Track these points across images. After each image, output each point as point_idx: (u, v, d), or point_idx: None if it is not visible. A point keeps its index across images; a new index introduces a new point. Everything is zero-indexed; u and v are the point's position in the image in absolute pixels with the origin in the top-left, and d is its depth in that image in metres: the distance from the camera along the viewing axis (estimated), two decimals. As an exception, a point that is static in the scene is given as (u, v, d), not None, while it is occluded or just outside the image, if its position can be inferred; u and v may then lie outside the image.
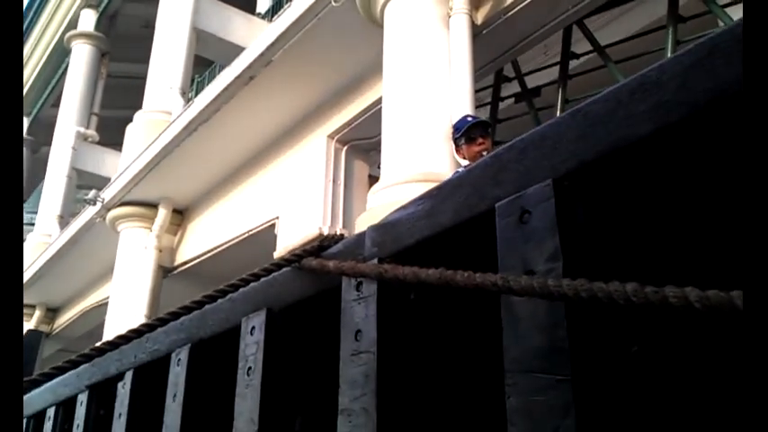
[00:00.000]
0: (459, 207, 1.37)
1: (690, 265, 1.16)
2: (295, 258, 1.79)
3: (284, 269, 1.83)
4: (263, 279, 1.89)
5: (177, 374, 2.12)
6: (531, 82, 6.89)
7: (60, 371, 2.10)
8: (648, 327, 1.13)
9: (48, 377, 2.07)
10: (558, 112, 5.88)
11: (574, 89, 6.11)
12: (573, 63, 6.57)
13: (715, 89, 0.99)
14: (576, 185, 1.16)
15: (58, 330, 14.93)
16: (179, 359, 2.14)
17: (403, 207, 1.54)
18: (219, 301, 1.99)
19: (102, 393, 2.65)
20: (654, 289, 0.90)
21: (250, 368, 1.82)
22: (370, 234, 1.61)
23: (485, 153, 3.88)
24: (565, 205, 1.14)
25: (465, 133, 4.19)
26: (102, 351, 2.13)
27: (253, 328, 1.85)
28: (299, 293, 1.77)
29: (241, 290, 1.92)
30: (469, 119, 4.35)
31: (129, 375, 2.43)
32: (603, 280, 1.12)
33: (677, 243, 1.16)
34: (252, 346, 1.84)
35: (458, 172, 2.15)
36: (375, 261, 1.51)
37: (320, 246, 1.79)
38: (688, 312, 0.85)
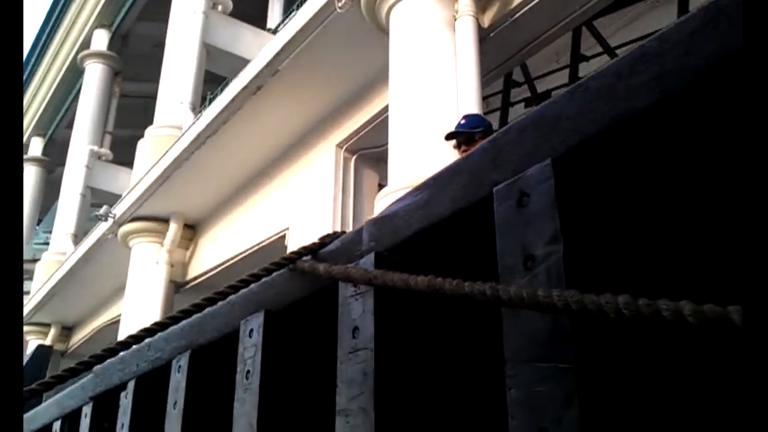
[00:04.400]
0: (456, 195, 1.32)
1: (696, 246, 1.11)
2: (292, 259, 1.75)
3: (282, 270, 1.78)
4: (262, 281, 1.84)
5: (178, 381, 2.09)
6: (542, 86, 6.85)
7: (60, 380, 2.06)
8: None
9: (47, 386, 2.03)
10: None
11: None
12: (583, 67, 6.53)
13: (719, 54, 0.93)
14: (576, 164, 1.10)
15: (73, 348, 14.95)
16: (179, 366, 2.10)
17: (400, 199, 1.49)
18: (219, 304, 1.94)
19: (105, 405, 2.62)
20: (647, 302, 0.85)
21: (248, 371, 1.78)
22: (368, 228, 1.57)
23: None
24: (565, 185, 1.09)
25: (484, 133, 4.00)
26: (101, 358, 2.08)
27: (251, 330, 1.81)
28: (297, 293, 1.73)
29: (240, 293, 1.87)
30: (462, 121, 4.19)
31: (131, 385, 2.40)
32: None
33: (684, 221, 1.10)
34: (250, 350, 1.79)
35: None
36: (370, 258, 1.46)
37: (321, 243, 1.75)
38: (681, 327, 0.80)
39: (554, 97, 1.18)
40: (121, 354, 2.45)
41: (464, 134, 3.98)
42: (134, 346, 2.12)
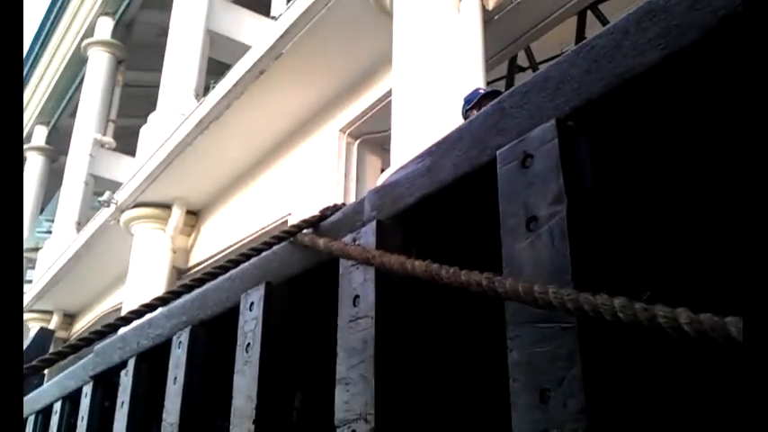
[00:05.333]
0: (459, 161, 1.30)
1: (703, 211, 1.09)
2: (292, 232, 1.74)
3: (282, 243, 1.77)
4: (263, 254, 1.83)
5: (178, 357, 2.08)
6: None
7: (61, 356, 2.05)
8: (661, 272, 1.05)
9: (48, 363, 2.02)
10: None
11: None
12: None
13: (729, 6, 0.91)
14: (581, 124, 1.08)
15: (75, 336, 14.97)
16: (180, 342, 2.09)
17: (402, 167, 1.47)
18: (220, 278, 1.93)
19: (106, 383, 2.62)
20: (643, 306, 0.83)
21: (249, 344, 1.76)
22: (370, 198, 1.55)
23: None
24: (569, 146, 1.07)
25: (476, 105, 3.98)
26: (102, 334, 2.07)
27: (252, 303, 1.79)
28: (298, 266, 1.71)
29: (241, 266, 1.86)
30: (481, 90, 4.14)
31: (131, 363, 2.39)
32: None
33: (690, 183, 1.08)
34: (251, 323, 1.78)
35: None
36: (372, 227, 1.44)
37: (321, 215, 1.73)
38: (677, 334, 0.78)
39: (560, 58, 1.16)
40: (121, 332, 2.44)
41: (465, 115, 3.98)
42: (134, 323, 2.11)
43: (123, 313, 1.99)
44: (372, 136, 7.20)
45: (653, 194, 1.09)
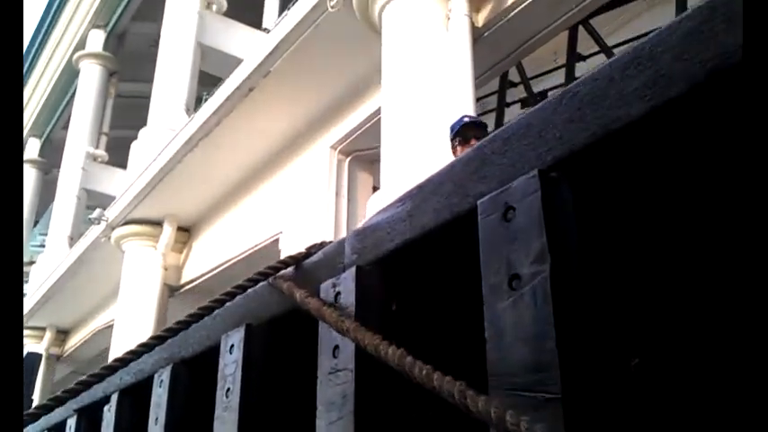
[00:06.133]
0: (440, 207, 1.26)
1: (692, 262, 1.04)
2: (276, 268, 1.70)
3: (262, 283, 1.72)
4: (247, 292, 1.79)
5: (159, 396, 2.04)
6: (538, 87, 6.78)
7: (47, 409, 2.00)
8: (651, 335, 1.00)
9: (46, 409, 1.98)
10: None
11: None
12: (580, 66, 6.45)
13: (716, 59, 0.86)
14: (564, 175, 1.03)
15: (69, 352, 14.87)
16: (161, 380, 2.06)
17: (383, 209, 1.42)
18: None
19: (89, 417, 2.58)
20: None
21: (229, 389, 1.72)
22: (350, 240, 1.50)
23: None
24: (552, 199, 1.02)
25: (460, 133, 3.96)
26: (88, 384, 2.04)
27: (232, 346, 1.75)
28: (278, 308, 1.67)
29: (224, 306, 1.82)
30: (465, 119, 4.09)
31: (114, 398, 2.36)
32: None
33: (677, 235, 1.03)
34: (231, 366, 1.74)
35: None
36: (351, 273, 1.40)
37: (306, 253, 1.70)
38: None
39: (542, 104, 1.11)
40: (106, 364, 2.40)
41: (450, 142, 3.93)
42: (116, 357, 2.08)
43: (115, 334, 1.96)
44: (364, 152, 7.15)
45: (640, 252, 1.04)
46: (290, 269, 1.69)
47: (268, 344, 1.70)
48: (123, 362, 1.95)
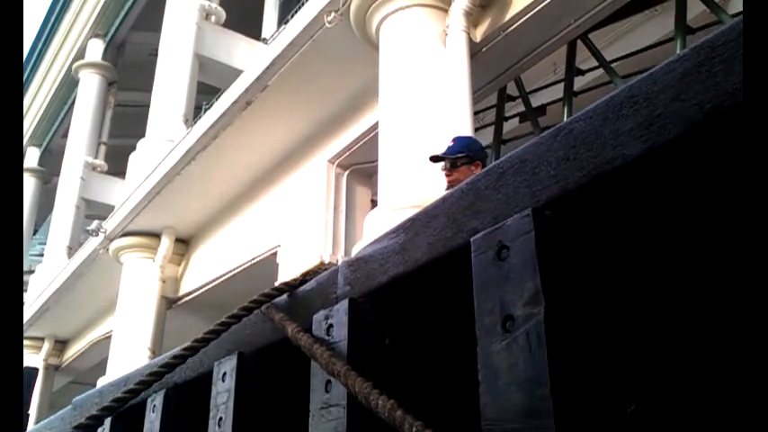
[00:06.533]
0: (433, 241, 1.24)
1: (690, 303, 1.01)
2: (270, 295, 1.68)
3: (255, 312, 1.71)
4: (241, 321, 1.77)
5: (152, 422, 2.02)
6: (537, 101, 6.75)
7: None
8: (647, 380, 0.98)
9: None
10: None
11: (580, 107, 5.87)
12: (579, 80, 6.43)
13: (714, 100, 0.84)
14: (558, 215, 1.01)
15: (67, 362, 14.81)
16: (154, 405, 2.04)
17: (376, 240, 1.41)
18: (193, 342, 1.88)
19: (83, 439, 2.55)
20: None
21: (221, 418, 1.70)
22: (343, 270, 1.48)
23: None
24: (546, 239, 1.00)
25: (468, 158, 3.62)
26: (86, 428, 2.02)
27: (224, 374, 1.73)
28: (271, 336, 1.65)
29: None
30: (450, 143, 3.87)
31: (108, 422, 2.32)
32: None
33: (674, 277, 1.01)
34: (223, 395, 1.72)
35: None
36: (344, 305, 1.38)
37: (302, 279, 1.68)
38: None
39: (537, 139, 1.10)
40: (99, 385, 2.39)
41: (448, 159, 3.70)
42: (110, 381, 2.06)
43: (113, 346, 1.94)
44: (362, 166, 7.13)
45: (636, 295, 1.02)
46: (284, 296, 1.67)
47: (260, 372, 1.68)
48: (121, 401, 1.94)
